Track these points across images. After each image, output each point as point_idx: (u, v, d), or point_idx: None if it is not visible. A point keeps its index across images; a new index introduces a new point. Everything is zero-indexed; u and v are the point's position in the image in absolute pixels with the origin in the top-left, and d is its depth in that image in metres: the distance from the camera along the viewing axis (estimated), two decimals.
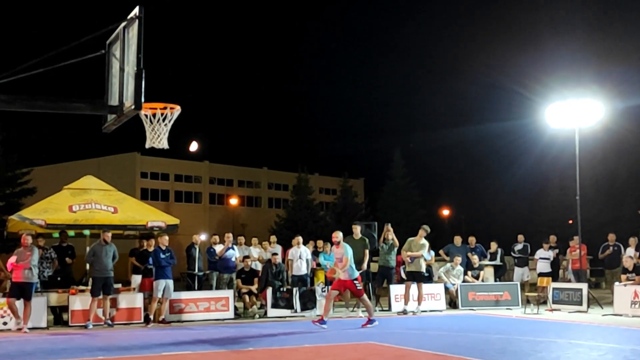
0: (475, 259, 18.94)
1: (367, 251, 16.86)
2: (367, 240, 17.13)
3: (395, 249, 17.76)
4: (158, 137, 9.34)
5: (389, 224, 18.16)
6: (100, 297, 14.80)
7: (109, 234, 15.32)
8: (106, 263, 14.94)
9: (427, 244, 17.57)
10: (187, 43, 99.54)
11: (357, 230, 17.11)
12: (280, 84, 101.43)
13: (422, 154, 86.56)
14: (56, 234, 17.09)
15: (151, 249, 16.07)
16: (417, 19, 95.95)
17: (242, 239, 18.61)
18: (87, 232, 17.07)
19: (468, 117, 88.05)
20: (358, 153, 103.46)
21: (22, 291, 14.12)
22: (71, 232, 17.31)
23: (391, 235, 17.72)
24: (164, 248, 15.54)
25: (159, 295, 15.25)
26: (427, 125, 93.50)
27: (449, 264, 18.80)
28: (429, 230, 17.63)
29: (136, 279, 16.62)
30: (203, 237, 18.42)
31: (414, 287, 17.07)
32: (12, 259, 14.24)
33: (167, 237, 15.88)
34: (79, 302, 14.93)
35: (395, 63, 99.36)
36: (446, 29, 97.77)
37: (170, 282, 15.42)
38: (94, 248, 15.20)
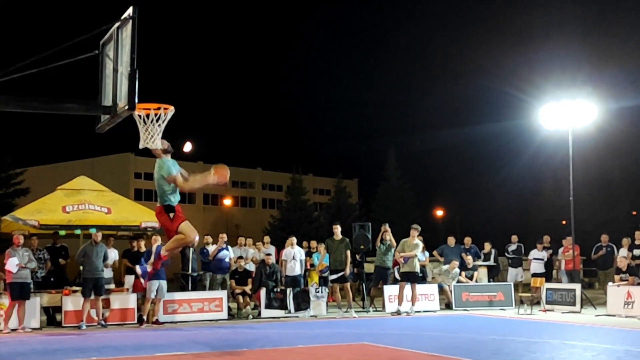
0: (469, 259, 18.96)
1: (349, 252, 16.62)
2: (348, 240, 16.91)
3: (393, 250, 17.71)
4: (152, 137, 9.30)
5: (387, 224, 18.07)
6: (92, 297, 14.76)
7: (99, 235, 15.30)
8: (97, 264, 14.91)
9: (420, 244, 17.56)
10: (181, 43, 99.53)
11: (338, 230, 16.82)
12: (274, 84, 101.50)
13: (417, 154, 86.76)
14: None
15: (142, 250, 16.04)
16: (412, 20, 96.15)
17: (241, 240, 18.59)
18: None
19: (462, 118, 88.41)
20: (352, 154, 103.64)
21: (23, 291, 14.12)
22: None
23: (389, 235, 17.68)
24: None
25: (153, 295, 15.22)
26: (421, 126, 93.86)
27: (445, 266, 18.71)
28: (419, 228, 17.59)
29: (129, 280, 16.58)
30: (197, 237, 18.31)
31: (407, 287, 17.06)
32: (14, 261, 14.09)
33: (159, 238, 15.83)
34: (72, 302, 14.88)
35: (389, 64, 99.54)
36: (440, 30, 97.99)
37: (164, 283, 15.39)
38: (84, 248, 15.17)
